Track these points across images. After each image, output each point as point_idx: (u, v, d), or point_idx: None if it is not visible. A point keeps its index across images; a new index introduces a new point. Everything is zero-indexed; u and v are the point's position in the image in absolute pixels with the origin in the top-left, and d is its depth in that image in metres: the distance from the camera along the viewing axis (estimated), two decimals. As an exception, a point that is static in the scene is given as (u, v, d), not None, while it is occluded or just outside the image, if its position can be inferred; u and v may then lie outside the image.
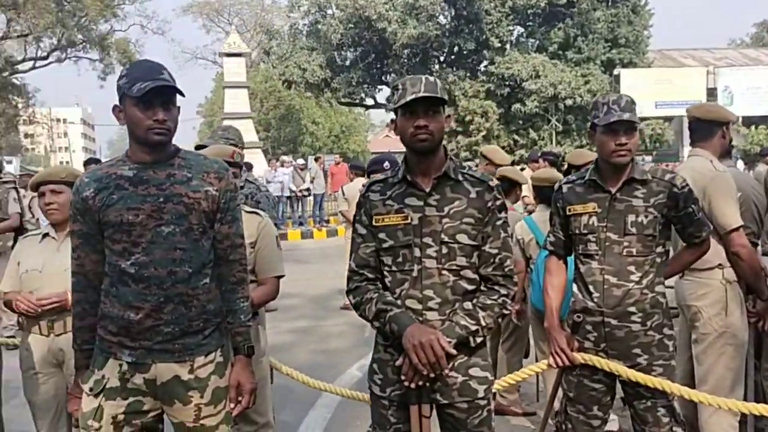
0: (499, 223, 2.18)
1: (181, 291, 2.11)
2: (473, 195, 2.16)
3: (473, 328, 2.09)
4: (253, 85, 32.34)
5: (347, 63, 24.15)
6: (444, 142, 2.22)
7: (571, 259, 2.76)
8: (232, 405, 2.23)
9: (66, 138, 65.57)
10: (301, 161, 16.64)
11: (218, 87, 34.22)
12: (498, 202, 2.18)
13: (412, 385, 2.06)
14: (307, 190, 15.59)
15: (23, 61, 27.28)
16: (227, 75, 21.22)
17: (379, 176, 2.30)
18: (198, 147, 3.25)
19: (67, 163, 43.49)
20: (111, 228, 2.10)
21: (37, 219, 6.77)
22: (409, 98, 2.06)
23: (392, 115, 2.24)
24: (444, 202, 2.15)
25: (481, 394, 2.15)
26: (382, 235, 2.17)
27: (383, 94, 25.80)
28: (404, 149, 2.20)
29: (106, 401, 2.13)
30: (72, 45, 27.00)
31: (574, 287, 2.68)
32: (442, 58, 24.22)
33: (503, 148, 22.59)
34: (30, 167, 20.14)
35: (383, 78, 24.97)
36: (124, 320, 2.10)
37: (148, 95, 2.02)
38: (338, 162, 16.81)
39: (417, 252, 2.12)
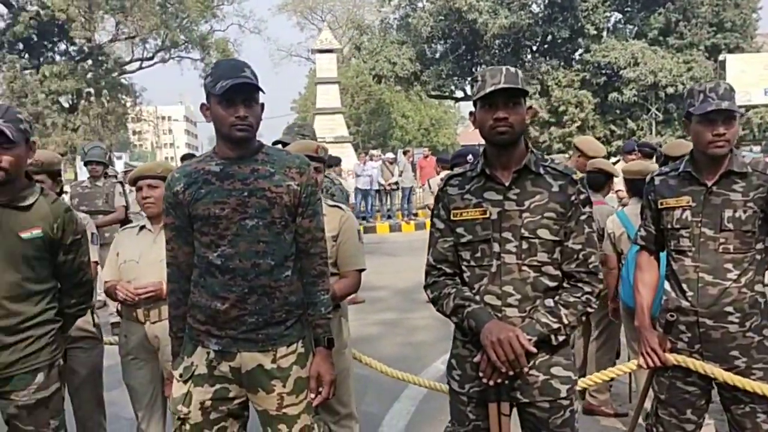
0: (583, 218, 2.10)
1: (264, 282, 2.16)
2: (555, 189, 2.10)
3: (555, 326, 2.03)
4: (344, 80, 32.84)
5: (437, 56, 24.06)
6: (536, 134, 2.17)
7: (663, 254, 2.63)
8: (312, 395, 2.26)
9: (171, 135, 68.91)
10: (390, 155, 16.71)
11: (311, 83, 34.99)
12: (582, 197, 2.10)
13: (491, 383, 2.03)
14: (396, 183, 15.65)
15: (131, 62, 28.86)
16: (319, 71, 21.62)
17: (458, 170, 2.27)
18: (276, 143, 3.33)
19: (171, 158, 45.71)
20: (199, 221, 2.18)
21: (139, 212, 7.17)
22: (488, 90, 2.02)
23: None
24: (524, 196, 2.09)
25: (563, 394, 2.09)
26: (460, 230, 2.14)
27: (474, 86, 25.54)
28: None
29: (195, 387, 2.22)
30: (175, 45, 28.27)
31: (666, 285, 2.55)
32: (534, 48, 23.67)
33: (599, 139, 21.83)
34: (136, 163, 21.34)
35: (473, 70, 24.66)
36: (211, 310, 2.17)
37: (229, 92, 2.07)
38: (427, 155, 16.77)
39: (496, 247, 2.08)
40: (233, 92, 2.08)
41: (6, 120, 2.29)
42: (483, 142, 2.15)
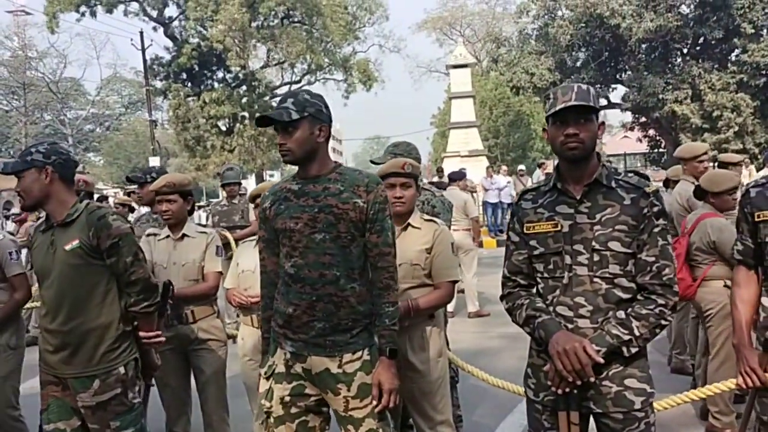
0: (656, 230, 2.10)
1: (330, 292, 2.34)
2: (627, 202, 2.11)
3: (625, 337, 2.04)
4: (482, 93, 32.76)
5: (578, 64, 23.40)
6: (688, 141, 2.18)
7: None
8: (374, 402, 2.37)
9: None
10: (521, 167, 16.48)
11: (448, 98, 35.28)
12: (655, 209, 2.11)
13: (559, 391, 2.08)
14: (531, 196, 15.39)
15: (281, 86, 30.69)
16: (454, 86, 21.81)
17: (533, 184, 2.34)
18: (373, 163, 3.52)
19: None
20: (280, 234, 2.43)
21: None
22: (559, 107, 2.07)
23: (628, 115, 2.24)
24: (595, 210, 2.13)
25: (637, 406, 2.08)
26: (533, 242, 2.21)
27: (617, 93, 24.53)
28: (640, 151, 2.19)
29: (275, 384, 2.44)
30: (320, 68, 29.72)
31: (765, 300, 2.41)
32: (685, 50, 22.32)
33: (759, 145, 20.09)
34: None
35: (618, 76, 23.73)
36: (287, 315, 2.40)
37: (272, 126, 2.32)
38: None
39: (568, 259, 2.13)
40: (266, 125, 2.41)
41: (18, 157, 2.74)
42: (629, 150, 2.18)
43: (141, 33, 26.98)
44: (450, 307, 10.19)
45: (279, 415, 2.42)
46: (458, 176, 8.82)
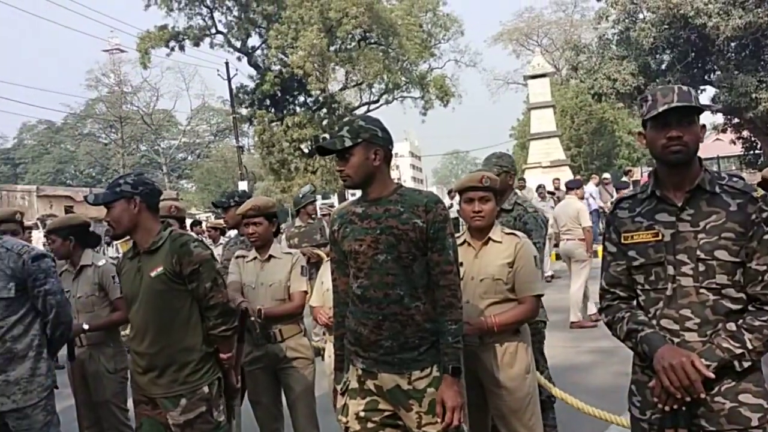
0: (766, 237, 1.99)
1: (395, 311, 2.38)
2: (733, 208, 2.00)
3: (737, 351, 1.94)
4: (563, 102, 32.09)
5: (663, 67, 22.53)
6: None
7: None
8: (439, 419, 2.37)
9: (397, 170, 72.82)
10: (606, 175, 15.97)
11: (527, 109, 34.80)
12: (764, 215, 1.99)
13: (666, 408, 1.98)
14: (617, 205, 14.87)
15: (359, 106, 31.19)
16: (532, 96, 21.55)
17: (628, 192, 2.27)
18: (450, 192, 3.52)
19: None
20: (347, 255, 2.49)
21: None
22: (660, 109, 1.99)
23: (719, 117, 2.16)
24: (699, 217, 2.03)
25: (754, 423, 1.96)
26: (632, 253, 2.12)
27: (707, 94, 23.44)
28: (734, 153, 2.11)
29: (350, 400, 2.50)
30: (397, 87, 30.03)
31: None
32: (779, 46, 21.08)
33: None
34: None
35: (706, 78, 22.68)
36: (357, 333, 2.46)
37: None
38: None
39: (670, 270, 2.04)
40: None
41: (107, 188, 2.88)
42: (722, 153, 2.10)
43: (226, 63, 28.21)
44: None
45: (355, 430, 2.47)
46: (575, 185, 8.66)
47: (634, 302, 2.17)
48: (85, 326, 3.76)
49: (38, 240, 9.64)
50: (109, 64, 47.39)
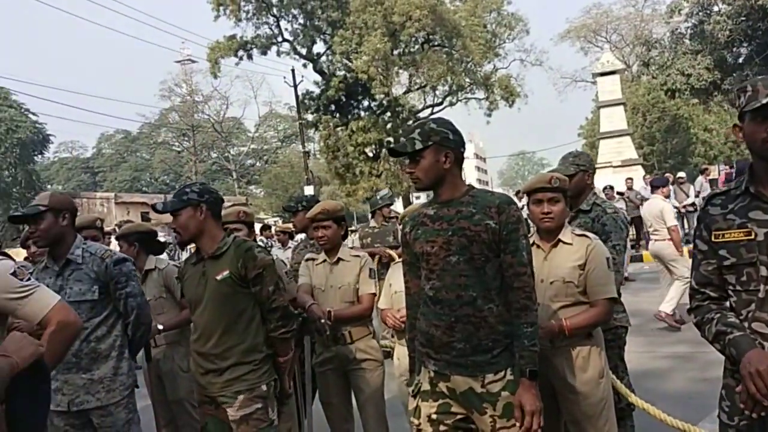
0: None
1: (468, 312, 2.36)
2: None
3: None
4: (634, 99, 31.17)
5: (740, 60, 21.64)
6: None
7: None
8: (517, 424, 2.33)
9: (462, 171, 72.32)
10: (681, 174, 15.37)
11: (596, 107, 34.00)
12: None
13: (754, 415, 1.89)
14: (692, 205, 14.30)
15: (423, 109, 31.13)
16: (602, 94, 20.99)
17: (721, 188, 2.17)
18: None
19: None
20: (419, 257, 2.50)
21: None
22: (764, 101, 1.89)
23: None
24: None
25: None
26: (722, 252, 2.03)
27: (790, 87, 22.27)
28: None
29: (422, 402, 2.48)
30: (461, 88, 29.81)
31: None
32: None
33: None
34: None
35: (788, 69, 21.60)
36: (429, 335, 2.44)
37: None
38: (729, 172, 15.06)
39: (763, 271, 1.94)
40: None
41: (173, 197, 3.01)
42: None
43: (293, 70, 28.79)
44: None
45: None
46: (661, 183, 8.32)
47: (726, 303, 2.07)
48: (159, 327, 3.90)
49: (116, 245, 10.06)
50: (181, 75, 49.17)
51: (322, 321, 3.48)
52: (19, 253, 6.03)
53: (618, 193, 13.46)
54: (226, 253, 2.97)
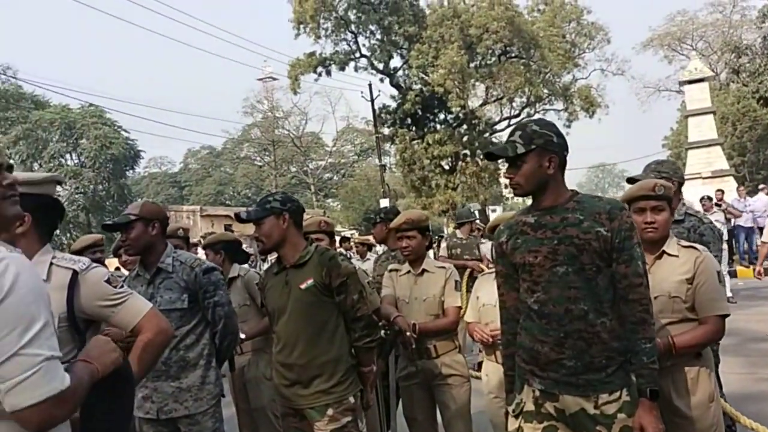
0: None
1: (579, 327, 2.19)
2: None
3: None
4: (722, 108, 29.72)
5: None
6: None
7: None
8: None
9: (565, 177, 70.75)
10: (773, 186, 14.44)
11: (683, 117, 32.61)
12: None
13: None
14: (783, 218, 13.40)
15: (500, 121, 30.70)
16: (689, 103, 20.04)
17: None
18: (630, 180, 3.27)
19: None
20: (519, 269, 2.34)
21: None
22: None
23: None
24: None
25: None
26: None
27: None
28: None
29: (525, 423, 2.33)
30: (539, 100, 29.20)
31: None
32: None
33: None
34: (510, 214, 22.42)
35: None
36: (534, 351, 2.28)
37: None
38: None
39: None
40: None
41: (256, 206, 3.02)
42: None
43: (369, 85, 29.08)
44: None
45: None
46: (714, 202, 8.01)
47: None
48: (242, 335, 3.91)
49: (202, 256, 10.35)
50: (262, 92, 50.66)
51: (408, 334, 3.39)
52: (112, 263, 6.27)
53: (716, 204, 12.72)
54: (309, 261, 2.95)
